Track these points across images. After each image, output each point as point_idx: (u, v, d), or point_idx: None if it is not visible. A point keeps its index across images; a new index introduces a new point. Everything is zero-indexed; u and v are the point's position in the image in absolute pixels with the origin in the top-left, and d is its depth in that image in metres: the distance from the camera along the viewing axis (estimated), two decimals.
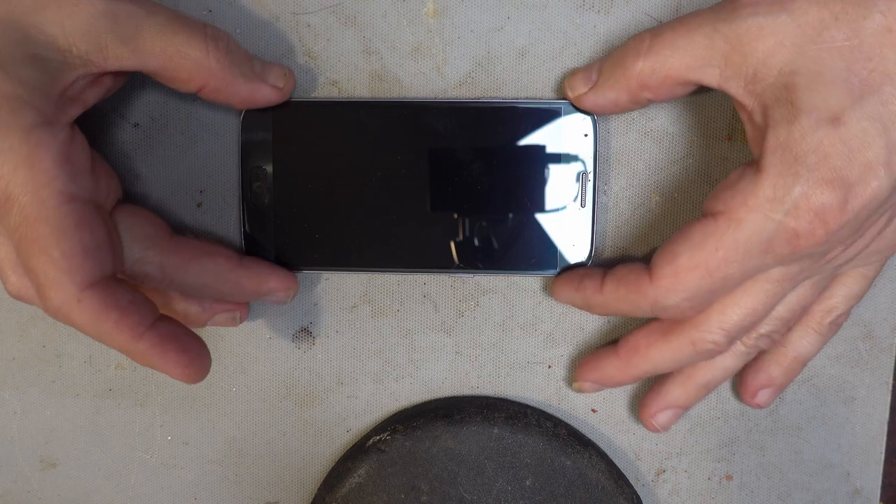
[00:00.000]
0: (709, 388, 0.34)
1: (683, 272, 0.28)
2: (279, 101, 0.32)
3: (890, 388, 0.36)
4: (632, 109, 0.32)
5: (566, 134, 0.33)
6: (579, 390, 0.35)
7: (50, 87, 0.27)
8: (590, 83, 0.31)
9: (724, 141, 0.34)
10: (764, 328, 0.32)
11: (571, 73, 0.33)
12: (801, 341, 0.34)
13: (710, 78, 0.28)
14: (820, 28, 0.26)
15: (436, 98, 0.34)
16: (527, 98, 0.33)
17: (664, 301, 0.29)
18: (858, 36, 0.26)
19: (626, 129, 0.34)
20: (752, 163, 0.28)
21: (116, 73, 0.30)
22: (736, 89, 0.28)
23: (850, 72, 0.26)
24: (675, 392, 0.34)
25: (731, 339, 0.30)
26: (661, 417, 0.35)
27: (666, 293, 0.29)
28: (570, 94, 0.32)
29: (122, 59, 0.28)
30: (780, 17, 0.27)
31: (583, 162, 0.33)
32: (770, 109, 0.27)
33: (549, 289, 0.35)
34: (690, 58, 0.28)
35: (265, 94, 0.32)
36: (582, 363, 0.34)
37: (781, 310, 0.31)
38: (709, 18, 0.28)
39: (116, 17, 0.28)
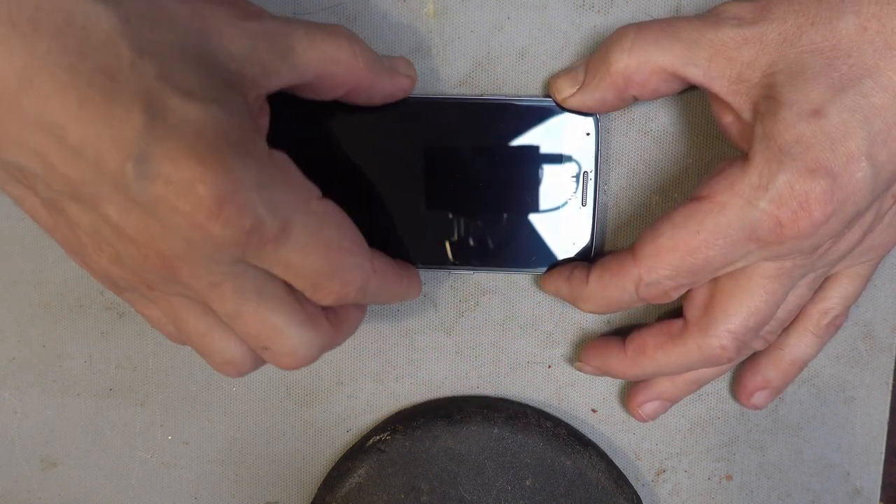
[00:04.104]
0: (699, 384, 0.34)
1: (665, 251, 0.29)
2: (410, 92, 0.32)
3: (890, 388, 0.36)
4: (616, 108, 0.32)
5: (568, 132, 0.33)
6: (579, 369, 0.35)
7: (249, 111, 0.26)
8: (577, 84, 0.32)
9: (724, 141, 0.34)
10: None
11: (555, 76, 0.33)
12: (799, 344, 0.34)
13: (694, 75, 0.29)
14: (798, 33, 0.27)
15: (439, 95, 0.34)
16: (529, 96, 0.33)
17: (646, 278, 0.30)
18: (836, 36, 0.27)
19: (626, 129, 0.34)
20: (743, 154, 0.28)
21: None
22: (720, 87, 0.28)
23: (830, 68, 0.26)
24: (664, 384, 0.34)
25: (739, 342, 0.30)
26: (648, 408, 0.35)
27: (648, 271, 0.29)
28: (558, 97, 0.32)
29: (284, 75, 0.27)
30: (762, 27, 0.28)
31: (584, 161, 0.33)
32: (757, 105, 0.28)
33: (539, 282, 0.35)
34: (674, 56, 0.29)
35: (403, 85, 0.31)
36: (588, 346, 0.35)
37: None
38: (694, 25, 0.29)
39: (271, 36, 0.27)
